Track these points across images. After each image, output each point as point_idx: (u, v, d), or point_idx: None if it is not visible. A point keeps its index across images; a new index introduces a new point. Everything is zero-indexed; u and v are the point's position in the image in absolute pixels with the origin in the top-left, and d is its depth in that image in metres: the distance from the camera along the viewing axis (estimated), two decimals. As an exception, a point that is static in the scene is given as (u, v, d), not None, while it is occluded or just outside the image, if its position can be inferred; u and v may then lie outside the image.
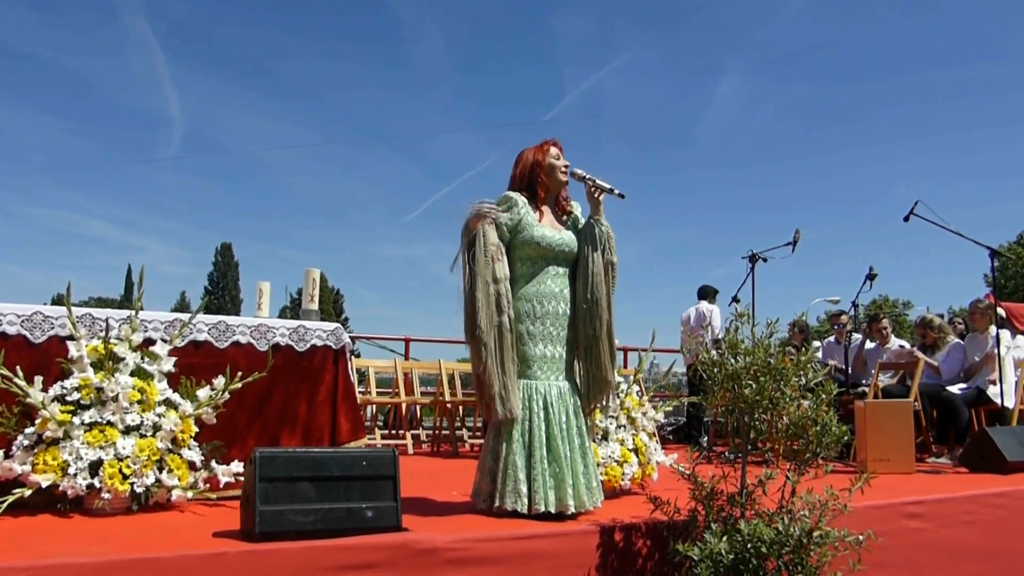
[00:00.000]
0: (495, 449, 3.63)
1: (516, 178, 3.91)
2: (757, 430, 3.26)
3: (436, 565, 2.98)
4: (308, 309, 4.58)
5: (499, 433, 3.63)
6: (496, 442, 3.63)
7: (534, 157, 3.89)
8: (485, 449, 3.71)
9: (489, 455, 3.65)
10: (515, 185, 3.90)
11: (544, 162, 3.87)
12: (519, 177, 3.90)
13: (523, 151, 3.95)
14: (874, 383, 7.23)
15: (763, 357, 3.17)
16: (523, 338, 3.68)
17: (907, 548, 4.08)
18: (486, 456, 3.67)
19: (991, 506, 4.56)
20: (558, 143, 3.94)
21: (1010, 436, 5.78)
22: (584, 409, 3.77)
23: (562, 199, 4.01)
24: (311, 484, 3.01)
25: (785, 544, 3.02)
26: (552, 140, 3.95)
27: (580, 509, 3.57)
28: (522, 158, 3.92)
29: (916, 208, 6.45)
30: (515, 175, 3.92)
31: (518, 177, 3.90)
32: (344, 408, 4.41)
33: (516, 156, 3.97)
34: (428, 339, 9.92)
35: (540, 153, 3.89)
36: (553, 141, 3.94)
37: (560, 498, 3.53)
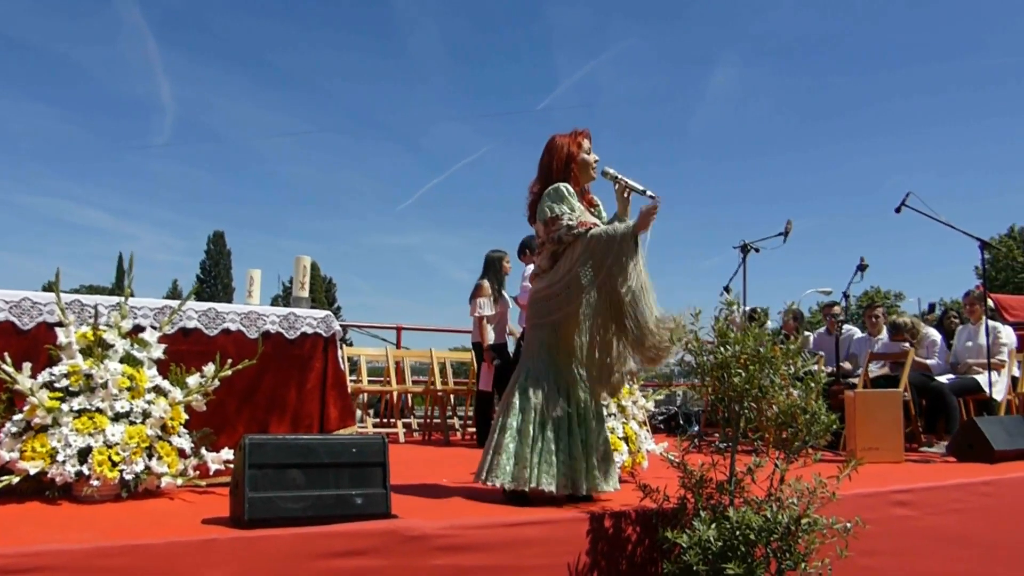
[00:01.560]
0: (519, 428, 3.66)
1: (553, 168, 3.87)
2: (746, 419, 3.27)
3: (426, 552, 2.98)
4: (298, 297, 4.57)
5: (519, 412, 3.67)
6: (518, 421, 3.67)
7: (569, 149, 3.87)
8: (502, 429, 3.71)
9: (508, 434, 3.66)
10: (554, 175, 3.86)
11: (578, 156, 3.87)
12: (557, 168, 3.86)
13: (556, 140, 3.92)
14: (864, 373, 7.25)
15: (752, 346, 3.17)
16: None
17: (895, 536, 4.11)
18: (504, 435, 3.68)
19: (978, 494, 4.59)
20: (589, 134, 3.93)
21: (997, 425, 5.82)
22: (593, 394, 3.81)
23: (588, 192, 4.03)
24: (300, 471, 3.01)
25: (773, 531, 3.04)
26: (584, 131, 3.94)
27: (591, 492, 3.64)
28: (557, 148, 3.89)
29: (908, 199, 6.46)
30: (551, 164, 3.88)
31: (556, 168, 3.87)
32: (334, 395, 4.41)
33: (548, 143, 3.94)
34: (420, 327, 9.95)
35: (575, 145, 3.88)
36: (585, 132, 3.93)
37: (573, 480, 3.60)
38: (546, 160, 3.91)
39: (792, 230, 6.79)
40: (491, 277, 7.07)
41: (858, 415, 5.84)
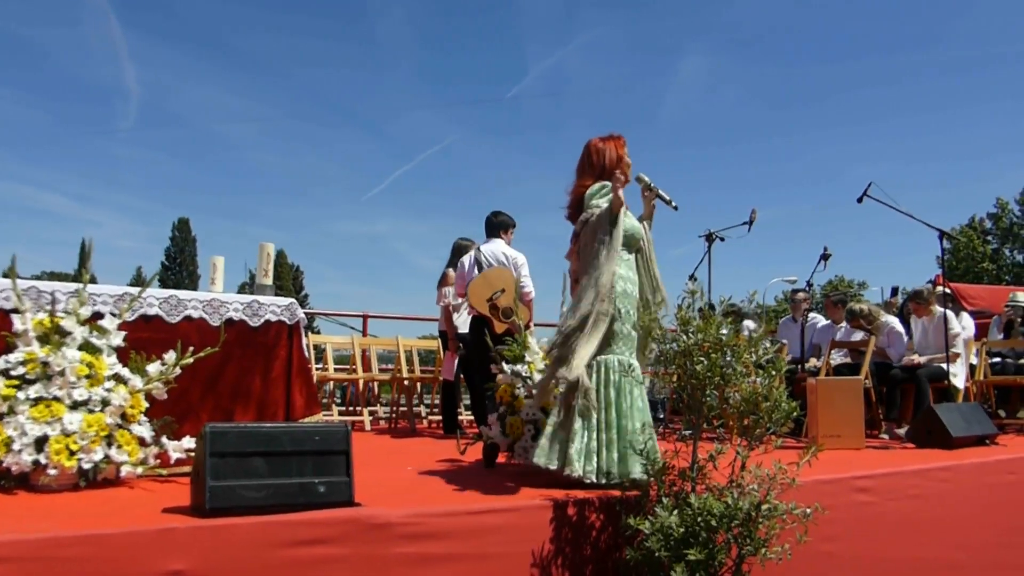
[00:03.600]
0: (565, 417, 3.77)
1: (598, 167, 4.10)
2: (709, 406, 3.30)
3: (390, 540, 2.98)
4: (262, 284, 4.53)
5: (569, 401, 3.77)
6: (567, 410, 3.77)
7: (617, 152, 4.11)
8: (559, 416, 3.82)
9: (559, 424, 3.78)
10: (599, 174, 4.08)
11: (624, 159, 4.11)
12: (604, 168, 4.08)
13: (599, 142, 4.16)
14: (826, 361, 7.35)
15: (714, 334, 3.20)
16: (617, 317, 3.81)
17: (855, 521, 4.18)
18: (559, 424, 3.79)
19: (936, 480, 4.68)
20: (625, 141, 4.19)
21: (956, 413, 5.93)
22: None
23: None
24: (263, 459, 2.98)
25: (734, 517, 3.07)
26: (622, 137, 4.19)
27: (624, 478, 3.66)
28: (603, 150, 4.13)
29: (869, 190, 6.54)
30: (597, 164, 4.11)
31: (608, 166, 4.08)
32: (298, 383, 4.39)
33: (591, 145, 4.17)
34: (386, 315, 9.90)
35: (621, 148, 4.13)
36: (623, 139, 4.19)
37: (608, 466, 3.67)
38: (595, 159, 4.14)
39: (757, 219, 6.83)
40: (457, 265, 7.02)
41: (820, 402, 5.92)
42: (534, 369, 4.37)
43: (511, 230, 6.96)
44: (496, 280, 6.46)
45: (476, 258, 6.70)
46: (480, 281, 6.39)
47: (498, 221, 6.94)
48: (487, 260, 6.66)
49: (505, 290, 6.40)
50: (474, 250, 6.82)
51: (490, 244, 6.83)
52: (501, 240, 6.87)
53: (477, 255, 6.72)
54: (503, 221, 6.95)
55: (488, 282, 6.41)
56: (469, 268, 6.66)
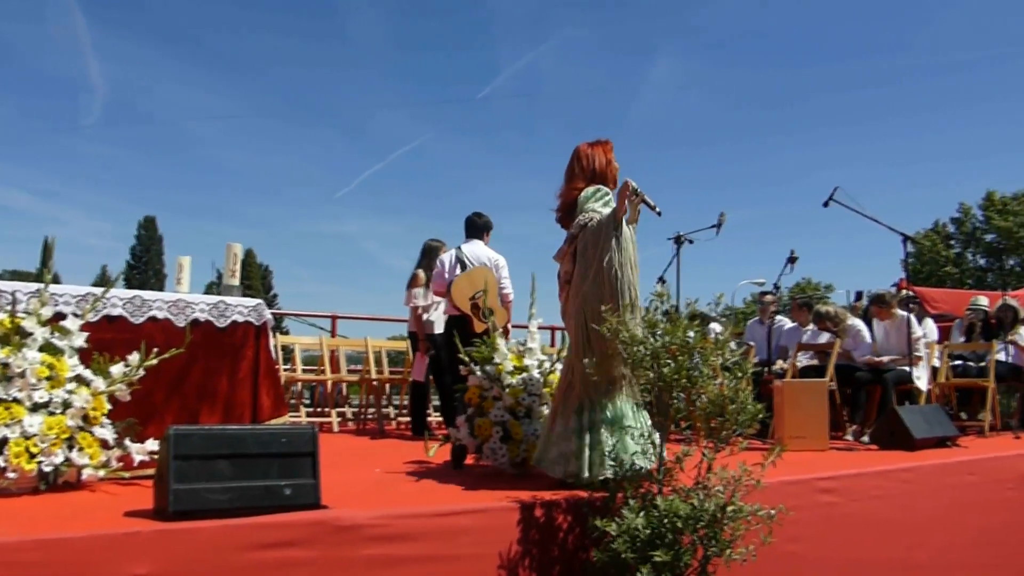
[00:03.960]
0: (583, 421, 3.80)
1: (588, 171, 4.18)
2: (676, 408, 3.32)
3: (357, 542, 2.97)
4: (229, 285, 4.48)
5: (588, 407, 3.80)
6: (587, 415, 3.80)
7: (606, 156, 4.21)
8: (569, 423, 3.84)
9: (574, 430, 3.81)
10: (597, 177, 4.16)
11: (612, 163, 4.22)
12: (600, 171, 4.18)
13: (587, 148, 4.24)
14: (792, 363, 7.43)
15: (682, 336, 3.22)
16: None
17: (819, 522, 4.22)
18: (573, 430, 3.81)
19: (899, 481, 4.75)
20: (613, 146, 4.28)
21: (918, 415, 6.02)
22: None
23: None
24: (228, 462, 2.95)
25: (700, 519, 3.10)
26: (609, 141, 4.28)
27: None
28: (591, 155, 4.21)
29: (835, 194, 6.63)
30: (588, 168, 4.19)
31: (597, 173, 4.17)
32: (266, 385, 4.35)
33: (580, 150, 4.24)
34: (355, 316, 9.84)
35: (609, 153, 4.24)
36: (610, 143, 4.28)
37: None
38: (585, 164, 4.21)
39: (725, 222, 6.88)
40: (427, 266, 7.01)
41: (785, 404, 5.98)
42: (502, 371, 4.37)
43: (490, 232, 7.01)
44: (479, 280, 6.50)
45: (458, 257, 6.73)
46: (464, 280, 6.42)
47: (481, 223, 6.98)
48: (470, 260, 6.69)
49: (487, 291, 6.45)
50: (454, 249, 6.85)
51: (471, 245, 6.86)
52: (481, 241, 6.91)
53: (459, 254, 6.75)
54: (486, 223, 7.00)
55: (472, 282, 6.44)
56: (451, 267, 6.69)
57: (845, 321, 7.51)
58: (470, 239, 6.90)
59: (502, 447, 4.19)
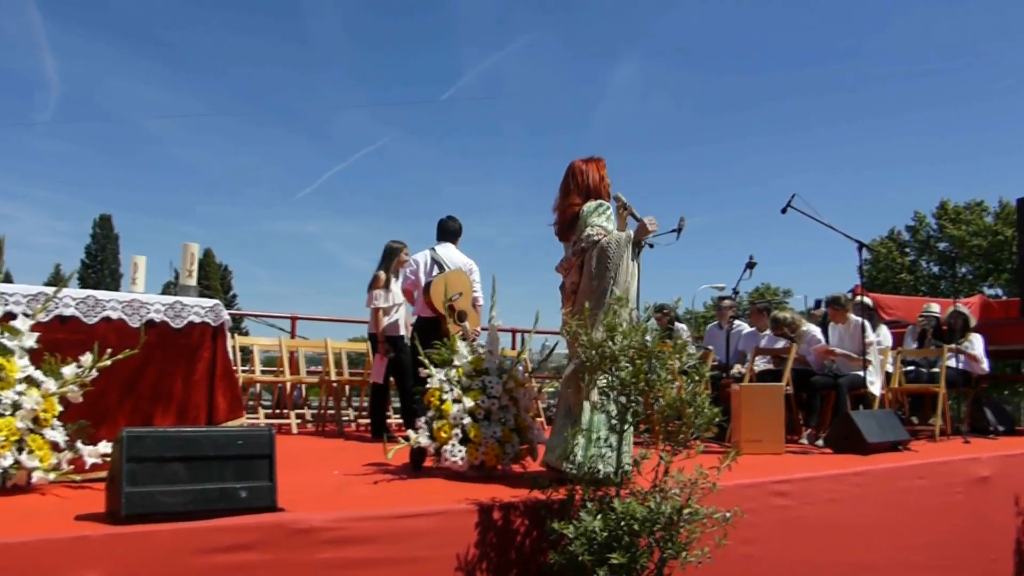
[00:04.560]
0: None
1: (583, 187, 4.41)
2: (634, 412, 3.34)
3: (313, 545, 2.95)
4: (185, 285, 4.42)
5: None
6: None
7: (599, 173, 4.43)
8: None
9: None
10: (592, 193, 4.39)
11: (605, 180, 4.44)
12: (594, 187, 4.41)
13: (582, 164, 4.46)
14: (750, 367, 7.53)
15: (640, 340, 3.25)
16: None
17: (773, 524, 4.29)
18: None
19: (851, 484, 4.83)
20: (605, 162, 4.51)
21: (871, 419, 6.12)
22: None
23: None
24: (183, 464, 2.92)
25: (656, 522, 3.13)
26: (602, 159, 4.50)
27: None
28: (586, 171, 4.43)
29: (793, 201, 6.73)
30: (583, 184, 4.41)
31: (592, 189, 4.40)
32: (222, 386, 4.30)
33: (575, 167, 4.46)
34: (315, 317, 9.74)
35: (602, 170, 4.46)
36: (603, 160, 4.50)
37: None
38: (580, 180, 4.43)
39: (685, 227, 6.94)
40: (388, 268, 7.00)
41: (743, 408, 6.06)
42: (461, 373, 4.37)
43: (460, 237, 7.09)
44: (456, 283, 6.55)
45: (434, 259, 6.77)
46: (442, 281, 6.46)
47: (455, 227, 7.08)
48: (446, 262, 6.73)
49: (463, 293, 6.50)
50: (428, 251, 6.89)
51: (445, 248, 6.92)
52: (453, 245, 6.97)
53: (435, 256, 6.80)
54: (460, 227, 7.09)
55: (450, 284, 6.48)
56: (427, 268, 6.72)
57: (801, 327, 7.63)
58: (443, 242, 6.95)
59: (461, 449, 4.19)
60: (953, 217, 38.69)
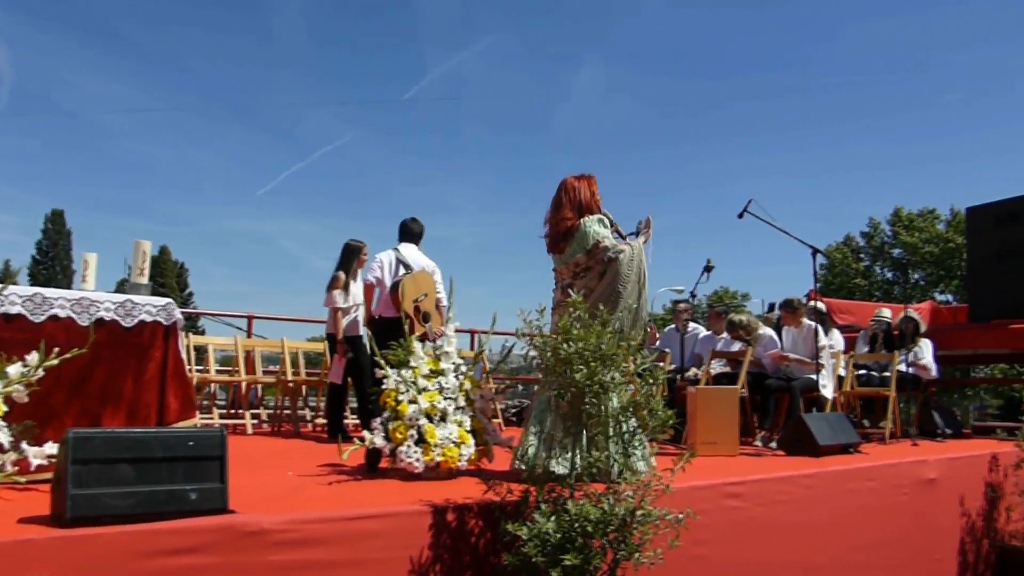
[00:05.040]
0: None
1: (575, 202, 4.67)
2: (588, 414, 3.36)
3: (264, 548, 2.92)
4: (137, 283, 4.34)
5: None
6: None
7: (592, 191, 4.72)
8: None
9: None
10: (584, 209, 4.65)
11: (597, 197, 4.73)
12: (586, 203, 4.67)
13: (574, 181, 4.73)
14: (706, 370, 7.60)
15: (594, 343, 3.27)
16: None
17: (726, 525, 4.33)
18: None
19: (802, 486, 4.90)
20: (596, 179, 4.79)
21: (823, 422, 6.22)
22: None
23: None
24: (131, 466, 2.87)
25: (610, 523, 3.14)
26: (593, 176, 4.78)
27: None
28: (578, 187, 4.70)
29: (749, 206, 6.82)
30: (575, 200, 4.68)
31: (585, 202, 4.67)
32: (174, 386, 4.23)
33: (567, 183, 4.72)
34: (272, 316, 9.65)
35: (593, 186, 4.73)
36: (594, 177, 4.78)
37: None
38: (572, 195, 4.68)
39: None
40: (347, 268, 6.96)
41: (698, 410, 6.12)
42: (418, 374, 4.36)
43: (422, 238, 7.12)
44: (423, 284, 6.56)
45: (399, 259, 6.75)
46: (411, 282, 6.45)
47: (418, 229, 7.11)
48: (411, 263, 6.72)
49: (428, 295, 6.51)
50: (392, 251, 6.87)
51: (408, 248, 6.91)
52: (415, 246, 6.97)
53: (399, 256, 6.77)
54: (423, 229, 7.11)
55: (417, 284, 6.48)
56: (393, 267, 6.71)
57: (756, 330, 7.73)
58: (404, 242, 6.95)
59: (417, 450, 4.18)
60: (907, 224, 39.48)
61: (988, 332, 8.96)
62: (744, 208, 6.81)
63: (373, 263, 6.83)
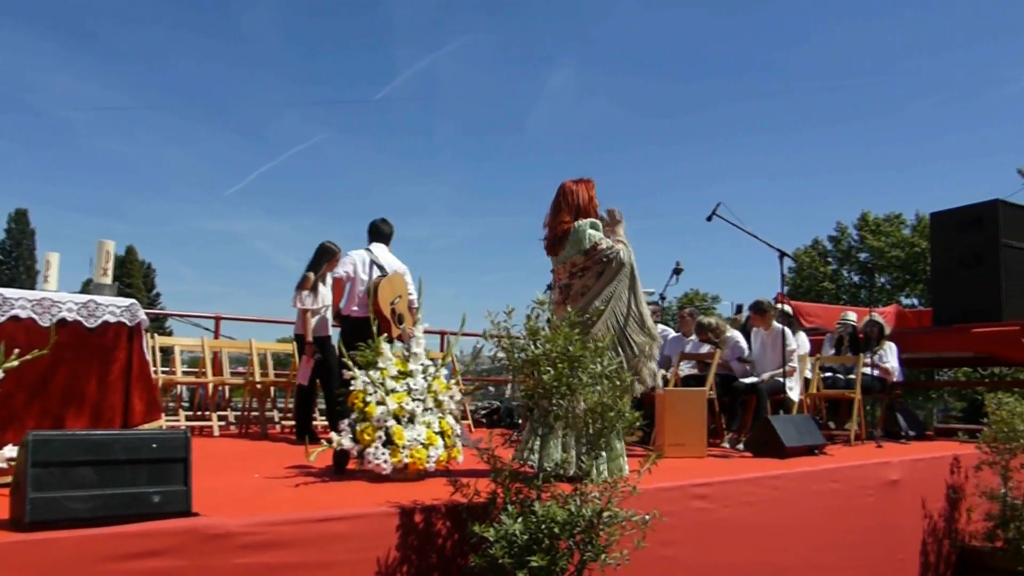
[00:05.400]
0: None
1: (573, 206, 4.82)
2: (555, 415, 3.37)
3: (229, 550, 2.89)
4: (100, 283, 4.29)
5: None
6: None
7: (588, 193, 4.86)
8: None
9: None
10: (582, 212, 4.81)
11: (595, 201, 4.88)
12: (583, 206, 4.82)
13: (572, 185, 4.87)
14: (674, 372, 7.65)
15: (562, 344, 3.28)
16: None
17: (692, 526, 4.36)
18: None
19: (768, 487, 4.94)
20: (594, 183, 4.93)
21: (789, 424, 6.29)
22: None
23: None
24: (92, 469, 2.83)
25: (576, 525, 3.15)
26: (591, 180, 4.93)
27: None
28: (576, 191, 4.85)
29: (718, 209, 6.87)
30: (573, 203, 4.82)
31: (582, 206, 4.82)
32: (138, 388, 4.19)
33: (566, 187, 4.87)
34: (239, 317, 9.56)
35: (591, 190, 4.88)
36: (592, 181, 4.93)
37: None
38: (571, 199, 4.83)
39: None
40: (317, 270, 6.92)
41: (666, 412, 6.15)
42: (387, 375, 4.34)
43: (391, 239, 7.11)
44: (398, 285, 6.55)
45: (372, 260, 6.72)
46: (387, 284, 6.42)
47: (388, 230, 7.09)
48: (385, 265, 6.69)
49: (402, 296, 6.49)
50: (364, 251, 6.85)
51: (379, 249, 6.89)
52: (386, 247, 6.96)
53: (372, 257, 6.75)
54: (392, 230, 7.08)
55: (392, 286, 6.47)
56: (367, 268, 6.68)
57: (725, 333, 7.79)
58: (375, 243, 6.92)
59: (384, 452, 4.16)
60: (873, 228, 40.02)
61: (951, 335, 9.10)
62: (713, 211, 6.87)
63: (346, 258, 6.79)
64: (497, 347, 3.44)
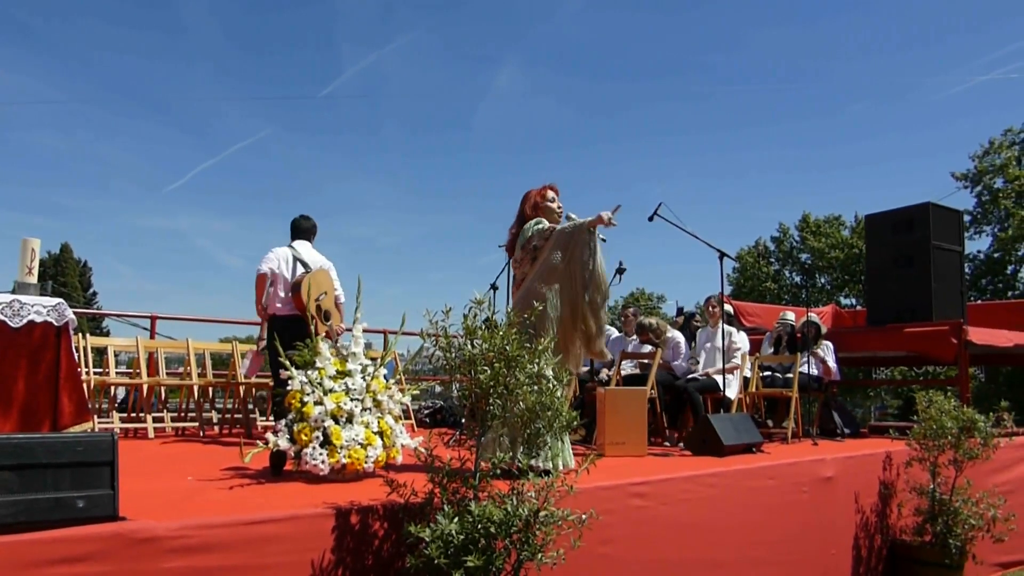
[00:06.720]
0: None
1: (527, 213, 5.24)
2: (492, 415, 3.36)
3: (157, 555, 2.83)
4: (25, 283, 4.16)
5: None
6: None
7: (541, 195, 5.26)
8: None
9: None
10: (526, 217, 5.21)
11: (542, 204, 5.25)
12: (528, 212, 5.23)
13: (529, 192, 5.29)
14: (616, 371, 7.71)
15: (499, 344, 3.27)
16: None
17: (631, 524, 4.40)
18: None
19: (706, 485, 5.01)
20: (556, 188, 5.31)
21: (728, 422, 6.38)
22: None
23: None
24: (13, 473, 2.74)
25: (512, 524, 3.15)
26: (552, 185, 5.32)
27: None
28: (528, 198, 5.26)
29: (660, 209, 6.93)
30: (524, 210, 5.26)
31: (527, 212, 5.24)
32: (67, 389, 4.08)
33: (526, 194, 5.29)
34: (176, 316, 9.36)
35: (539, 196, 5.26)
36: (552, 186, 5.31)
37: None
38: (527, 204, 5.25)
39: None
40: None
41: (607, 411, 6.19)
42: (324, 375, 4.30)
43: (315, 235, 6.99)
44: (323, 282, 6.47)
45: (296, 256, 6.62)
46: (312, 281, 6.33)
47: (309, 225, 7.00)
48: (308, 261, 6.60)
49: (327, 293, 6.41)
50: (287, 248, 6.74)
51: (302, 245, 6.79)
52: (309, 244, 6.86)
53: (296, 254, 6.66)
54: (314, 225, 7.00)
55: (317, 283, 6.38)
56: (291, 266, 6.58)
57: (666, 333, 7.89)
58: (298, 240, 6.84)
59: (322, 453, 4.12)
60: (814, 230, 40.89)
61: (884, 335, 9.32)
62: (655, 211, 6.93)
63: (269, 254, 6.65)
64: (435, 347, 3.42)
